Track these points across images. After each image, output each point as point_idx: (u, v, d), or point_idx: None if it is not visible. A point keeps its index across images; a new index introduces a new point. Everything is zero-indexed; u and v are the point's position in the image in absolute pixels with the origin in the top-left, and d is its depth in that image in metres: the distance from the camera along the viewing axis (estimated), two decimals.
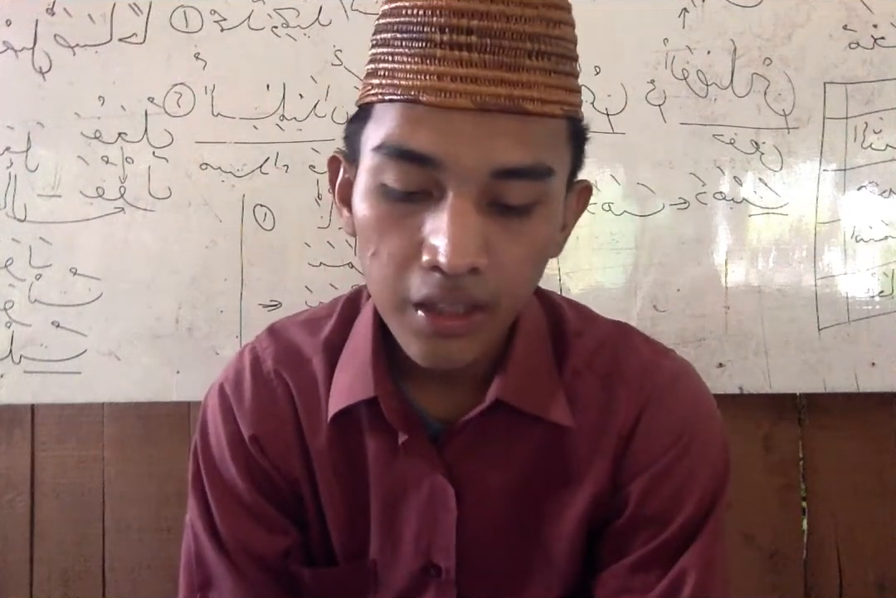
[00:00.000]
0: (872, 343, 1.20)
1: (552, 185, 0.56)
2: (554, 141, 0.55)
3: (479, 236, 0.53)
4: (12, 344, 1.25)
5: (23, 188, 1.25)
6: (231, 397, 0.72)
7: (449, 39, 0.51)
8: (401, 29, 0.53)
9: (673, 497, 0.66)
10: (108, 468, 1.31)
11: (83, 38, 1.24)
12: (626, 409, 0.68)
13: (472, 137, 0.51)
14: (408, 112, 0.53)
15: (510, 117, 0.52)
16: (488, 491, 0.68)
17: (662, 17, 1.20)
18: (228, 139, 1.23)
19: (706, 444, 0.68)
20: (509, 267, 0.55)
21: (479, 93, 0.51)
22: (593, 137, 1.26)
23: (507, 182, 0.53)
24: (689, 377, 0.72)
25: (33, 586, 1.32)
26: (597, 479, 0.68)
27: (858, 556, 1.25)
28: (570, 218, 0.65)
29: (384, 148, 0.54)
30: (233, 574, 0.69)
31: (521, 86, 0.52)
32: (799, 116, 1.20)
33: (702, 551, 0.65)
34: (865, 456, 1.25)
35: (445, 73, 0.51)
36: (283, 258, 1.24)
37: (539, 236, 0.56)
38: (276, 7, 1.22)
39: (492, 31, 0.51)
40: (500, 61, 0.52)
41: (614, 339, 0.72)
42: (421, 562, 0.69)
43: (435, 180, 0.53)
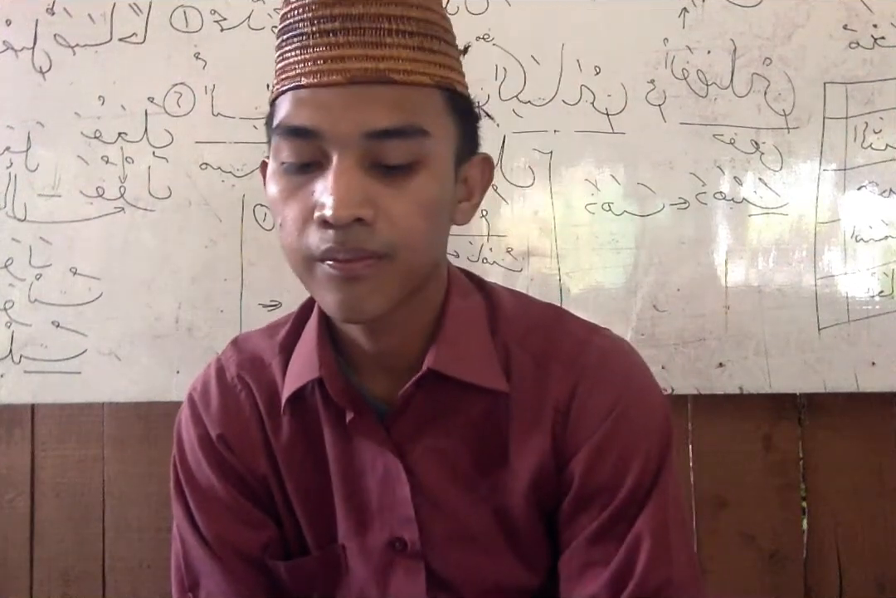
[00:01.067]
0: (872, 343, 1.20)
1: (429, 146, 0.61)
2: (427, 107, 0.61)
3: (361, 191, 0.59)
4: (12, 344, 1.25)
5: (23, 188, 1.25)
6: (199, 403, 0.78)
7: (318, 28, 0.59)
8: (285, 31, 0.62)
9: (616, 467, 0.68)
10: (108, 468, 1.31)
11: (83, 38, 1.24)
12: (561, 384, 0.70)
13: (345, 107, 0.58)
14: (294, 96, 0.61)
15: (380, 87, 0.59)
16: (438, 463, 0.71)
17: (662, 17, 1.20)
18: (228, 139, 1.23)
19: (642, 411, 0.71)
20: (398, 220, 0.60)
21: (349, 69, 0.58)
22: (593, 137, 1.27)
23: (382, 142, 0.59)
24: (621, 351, 0.75)
25: (33, 586, 1.32)
26: (538, 452, 0.70)
27: (858, 556, 1.25)
28: (475, 189, 0.70)
29: (278, 129, 0.61)
30: (219, 571, 0.73)
31: (386, 59, 0.59)
32: (799, 116, 1.20)
33: (654, 515, 0.67)
34: (865, 456, 1.25)
35: (319, 57, 0.59)
36: (282, 258, 1.22)
37: (423, 193, 0.61)
38: (277, 7, 1.21)
39: (352, 16, 0.59)
40: (364, 41, 0.59)
41: (547, 319, 0.75)
42: (386, 537, 0.72)
43: (321, 150, 0.59)
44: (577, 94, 1.21)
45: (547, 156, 1.22)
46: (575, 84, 1.21)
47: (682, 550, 0.69)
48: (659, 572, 0.66)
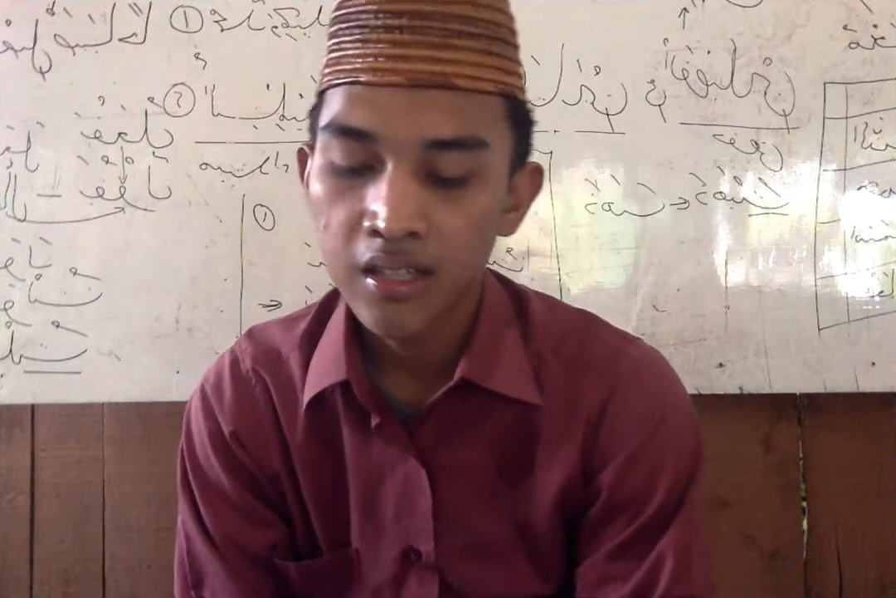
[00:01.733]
0: (872, 343, 1.20)
1: (487, 157, 0.58)
2: (488, 116, 0.58)
3: (416, 203, 0.56)
4: (12, 344, 1.25)
5: (23, 188, 1.25)
6: (211, 396, 0.74)
7: (383, 23, 0.55)
8: (344, 19, 0.58)
9: (645, 482, 0.67)
10: (108, 468, 1.31)
11: (83, 38, 1.24)
12: (593, 395, 0.69)
13: (405, 112, 0.55)
14: (349, 93, 0.57)
15: (442, 92, 0.55)
16: (461, 473, 0.69)
17: (662, 17, 1.20)
18: (228, 139, 1.23)
19: (675, 427, 0.69)
20: (449, 234, 0.57)
21: (412, 70, 0.55)
22: (593, 137, 1.27)
23: (440, 153, 0.56)
24: (655, 362, 0.73)
25: (33, 586, 1.32)
26: (566, 463, 0.68)
27: (858, 556, 1.25)
28: (523, 199, 0.67)
29: (330, 127, 0.58)
30: (225, 570, 0.71)
31: (452, 63, 0.56)
32: (799, 116, 1.20)
33: (678, 533, 0.66)
34: (865, 456, 1.25)
35: (380, 54, 0.55)
36: (283, 258, 1.24)
37: (477, 207, 0.59)
38: (276, 7, 1.22)
39: (421, 13, 0.55)
40: (430, 41, 0.55)
41: (580, 327, 0.73)
42: (401, 546, 0.70)
43: (375, 154, 0.56)
44: (577, 94, 1.21)
45: (547, 156, 1.22)
46: (575, 84, 1.21)
47: (702, 568, 0.68)
48: (679, 591, 0.65)
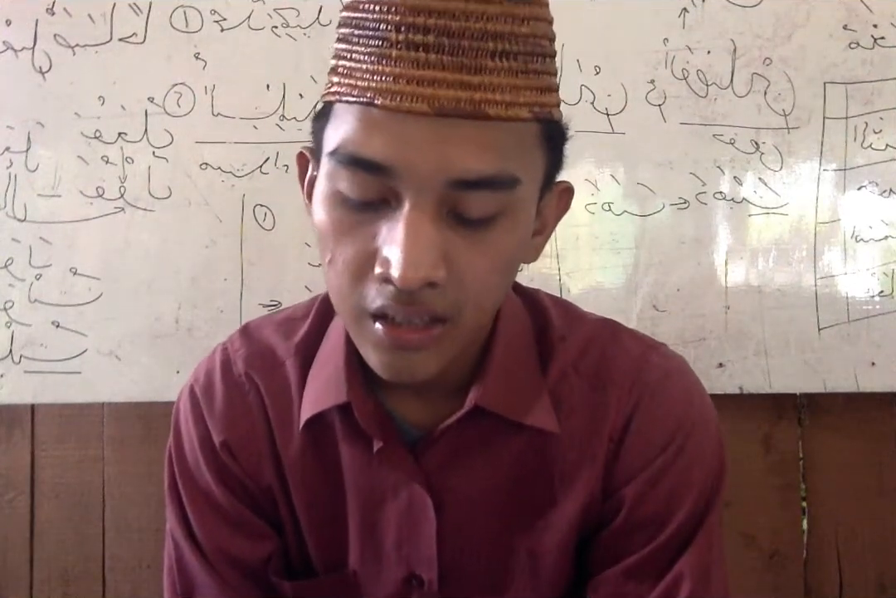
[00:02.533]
0: (872, 343, 1.19)
1: (518, 194, 0.52)
2: (521, 146, 0.52)
3: (435, 249, 0.50)
4: (12, 344, 1.25)
5: (23, 188, 1.25)
6: (201, 400, 0.70)
7: (405, 38, 0.48)
8: (359, 25, 0.50)
9: (668, 501, 0.64)
10: (108, 468, 1.31)
11: (83, 38, 1.24)
12: (617, 411, 0.65)
13: (429, 145, 0.48)
14: (363, 116, 0.50)
15: (471, 123, 0.49)
16: (470, 501, 0.66)
17: (662, 17, 1.20)
18: (228, 139, 1.23)
19: (701, 443, 0.66)
20: (471, 279, 0.52)
21: (437, 96, 0.48)
22: (593, 137, 1.26)
23: (467, 193, 0.50)
24: (682, 374, 0.69)
25: (33, 586, 1.32)
26: (587, 485, 0.65)
27: (858, 556, 1.25)
28: (549, 222, 0.61)
29: (338, 154, 0.51)
30: (215, 582, 0.68)
31: (483, 89, 0.48)
32: (799, 116, 1.20)
33: (698, 556, 0.63)
34: (865, 456, 1.25)
35: (402, 75, 0.48)
36: (283, 258, 1.24)
37: (503, 248, 0.53)
38: (276, 7, 1.22)
39: (450, 30, 0.48)
40: (460, 63, 0.48)
41: (602, 338, 0.69)
42: (403, 573, 0.67)
43: (391, 189, 0.50)
44: (577, 94, 1.21)
45: None
46: (575, 84, 1.21)
47: (720, 591, 0.65)
48: None
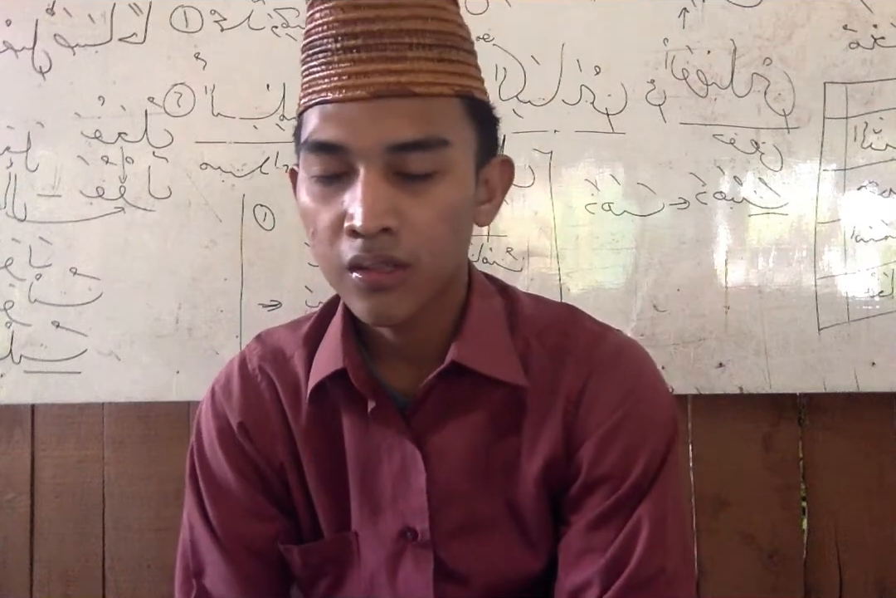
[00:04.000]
0: (872, 343, 1.19)
1: (450, 154, 0.64)
2: (448, 117, 0.64)
3: (388, 202, 0.62)
4: (12, 344, 1.25)
5: (23, 188, 1.25)
6: (220, 394, 0.80)
7: (342, 45, 0.62)
8: (310, 47, 0.65)
9: (622, 457, 0.70)
10: (108, 468, 1.31)
11: (83, 38, 1.24)
12: (574, 376, 0.73)
13: (369, 122, 0.61)
14: (321, 111, 0.63)
15: (402, 100, 0.62)
16: (454, 454, 0.73)
17: (662, 17, 1.20)
18: (228, 139, 1.23)
19: (650, 407, 0.73)
20: (422, 228, 0.63)
21: (372, 84, 0.61)
22: (593, 137, 1.27)
23: (405, 154, 0.62)
24: (633, 349, 0.77)
25: (33, 586, 1.32)
26: (549, 440, 0.73)
27: (858, 556, 1.25)
28: (496, 190, 0.72)
29: (307, 144, 0.64)
30: (225, 561, 0.75)
31: (407, 73, 0.62)
32: (799, 116, 1.20)
33: (653, 507, 0.69)
34: (865, 456, 1.25)
35: (343, 73, 0.62)
36: (283, 258, 1.24)
37: (445, 199, 0.64)
38: (276, 7, 1.22)
39: (373, 33, 0.61)
40: (386, 56, 0.62)
41: (564, 317, 0.78)
42: (398, 526, 0.74)
43: (348, 163, 0.63)
44: (577, 94, 1.21)
45: (547, 156, 1.22)
46: (575, 84, 1.21)
47: (678, 543, 0.70)
48: (654, 561, 0.68)
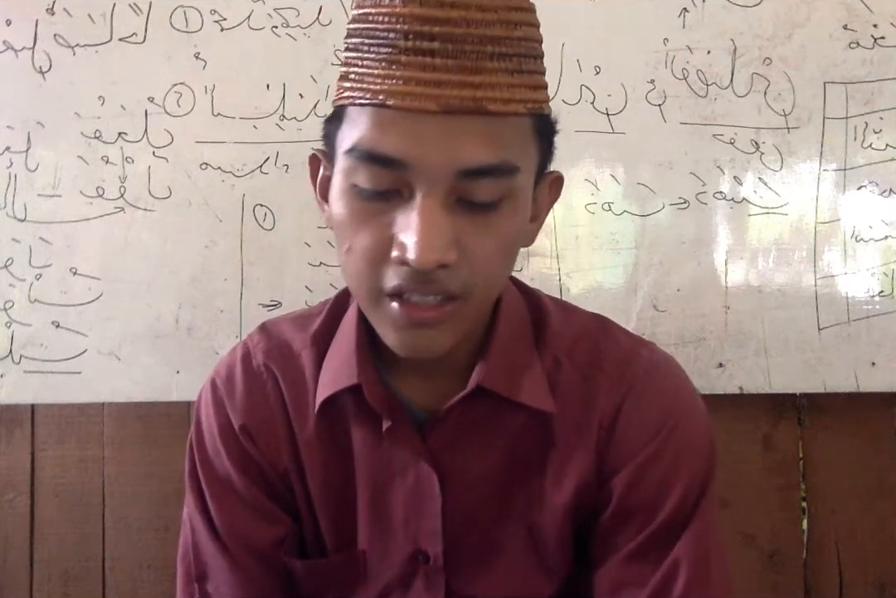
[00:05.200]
0: (872, 343, 1.20)
1: (518, 181, 0.58)
2: (519, 138, 0.58)
3: (447, 233, 0.55)
4: (12, 344, 1.25)
5: (23, 188, 1.25)
6: (222, 389, 0.75)
7: (413, 45, 0.54)
8: (368, 34, 0.56)
9: (658, 487, 0.67)
10: (108, 468, 1.31)
11: (83, 38, 1.24)
12: (607, 399, 0.69)
13: (437, 139, 0.54)
14: (376, 116, 0.55)
15: (474, 118, 0.54)
16: (473, 478, 0.69)
17: (662, 17, 1.20)
18: (228, 139, 1.23)
19: (689, 432, 0.69)
20: (479, 260, 0.57)
21: (444, 96, 0.54)
22: (594, 137, 1.27)
23: (473, 181, 0.55)
24: (669, 367, 0.73)
25: (33, 586, 1.32)
26: (580, 468, 0.68)
27: (858, 556, 1.25)
28: (542, 209, 0.67)
29: (355, 151, 0.56)
30: (229, 565, 0.71)
31: (484, 87, 0.54)
32: (799, 116, 1.20)
33: (694, 540, 0.66)
34: (865, 456, 1.25)
35: (411, 78, 0.54)
36: (283, 258, 1.24)
37: (507, 230, 0.59)
38: (276, 7, 1.22)
39: (453, 37, 0.53)
40: (463, 65, 0.54)
41: (594, 330, 0.73)
42: (409, 549, 0.70)
43: (404, 180, 0.55)
44: (577, 94, 1.21)
45: None
46: (575, 84, 1.21)
47: (721, 575, 0.67)
48: (697, 595, 0.64)
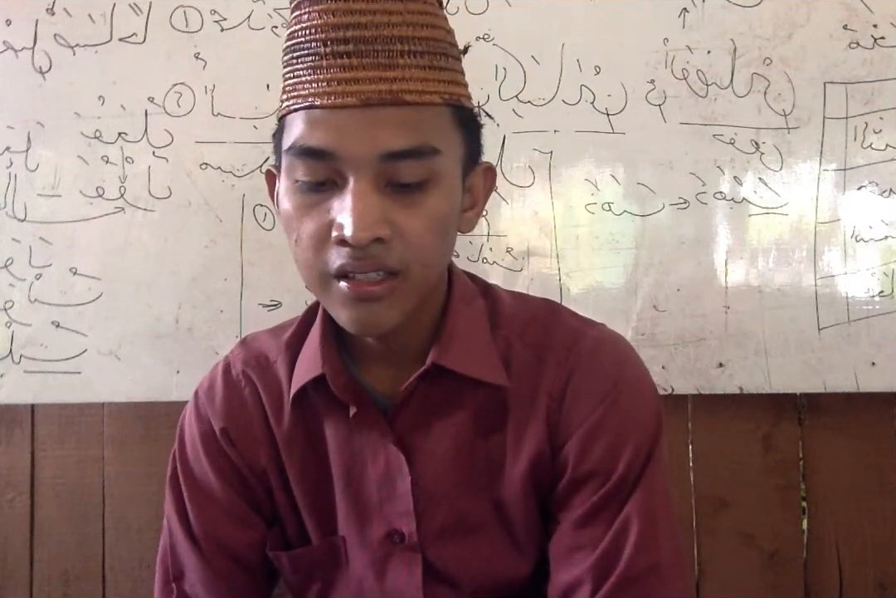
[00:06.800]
0: (872, 343, 1.19)
1: (440, 163, 0.63)
2: (438, 125, 0.63)
3: (379, 211, 0.60)
4: (12, 344, 1.25)
5: (23, 188, 1.25)
6: (203, 398, 0.80)
7: (332, 50, 0.60)
8: (296, 49, 0.63)
9: (607, 453, 0.70)
10: (108, 468, 1.31)
11: (83, 38, 1.24)
12: (555, 373, 0.73)
13: (361, 129, 0.60)
14: (308, 116, 0.62)
15: (393, 109, 0.60)
16: (439, 456, 0.73)
17: (662, 17, 1.20)
18: (228, 139, 1.23)
19: (633, 401, 0.72)
20: (412, 237, 0.62)
21: (363, 91, 0.60)
22: (593, 137, 1.27)
23: (396, 163, 0.61)
24: (615, 343, 0.77)
25: (33, 586, 1.32)
26: (534, 439, 0.72)
27: (858, 556, 1.25)
28: (478, 197, 0.72)
29: (292, 149, 0.62)
30: (204, 566, 0.75)
31: (399, 81, 0.60)
32: (799, 116, 1.20)
33: (642, 502, 0.69)
34: (865, 456, 1.25)
35: (333, 79, 0.60)
36: (283, 258, 1.24)
37: (436, 209, 0.63)
38: (276, 7, 1.22)
39: (365, 39, 0.60)
40: (377, 62, 0.60)
41: (544, 314, 0.77)
42: (384, 530, 0.74)
43: (336, 170, 0.61)
44: (577, 94, 1.21)
45: (547, 156, 1.22)
46: (575, 84, 1.21)
47: (669, 537, 0.69)
48: (646, 556, 0.67)
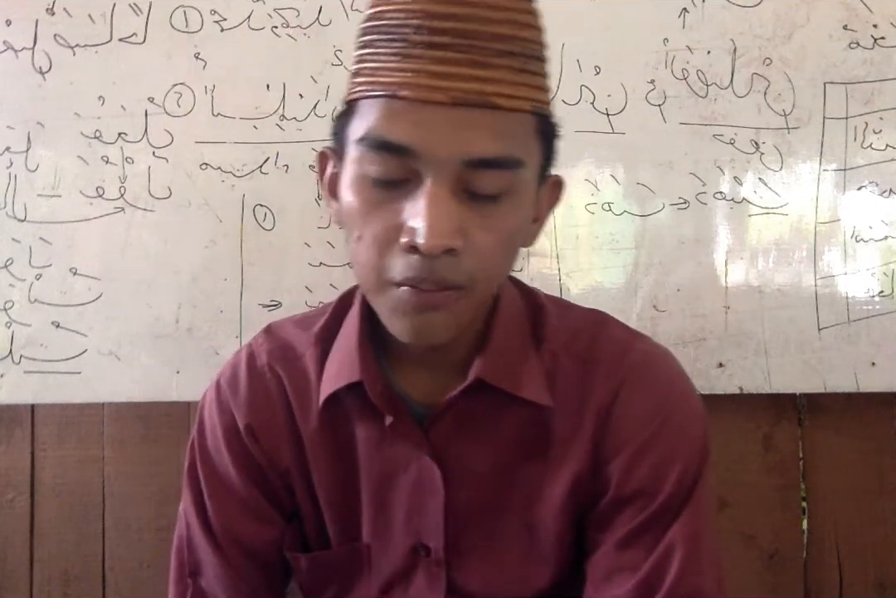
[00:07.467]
0: (872, 343, 1.20)
1: (521, 175, 0.59)
2: (523, 135, 0.59)
3: (455, 219, 0.56)
4: (12, 344, 1.25)
5: (23, 188, 1.25)
6: (227, 390, 0.76)
7: (425, 39, 0.55)
8: (382, 31, 0.58)
9: (653, 473, 0.67)
10: (108, 468, 1.31)
11: (83, 38, 1.24)
12: (603, 388, 0.70)
13: (446, 130, 0.56)
14: (387, 107, 0.57)
15: (482, 111, 0.56)
16: (474, 471, 0.70)
17: (662, 17, 1.20)
18: (228, 139, 1.23)
19: (683, 420, 0.70)
20: (482, 251, 0.58)
21: (453, 88, 0.55)
22: (593, 137, 1.27)
23: (478, 171, 0.57)
24: (664, 357, 0.74)
25: (33, 586, 1.32)
26: (578, 458, 0.69)
27: (858, 556, 1.25)
28: (543, 211, 0.68)
29: (366, 140, 0.58)
30: (221, 562, 0.73)
31: (492, 82, 0.56)
32: (799, 116, 1.20)
33: (687, 525, 0.66)
34: (865, 456, 1.25)
35: (422, 70, 0.55)
36: (283, 258, 1.24)
37: (509, 223, 0.60)
38: (276, 7, 1.22)
39: (465, 32, 0.55)
40: (473, 60, 0.55)
41: (590, 324, 0.75)
42: (411, 542, 0.71)
43: (412, 169, 0.57)
44: (577, 94, 1.21)
45: None
46: (575, 84, 1.21)
47: (712, 564, 0.67)
48: (689, 582, 0.64)
